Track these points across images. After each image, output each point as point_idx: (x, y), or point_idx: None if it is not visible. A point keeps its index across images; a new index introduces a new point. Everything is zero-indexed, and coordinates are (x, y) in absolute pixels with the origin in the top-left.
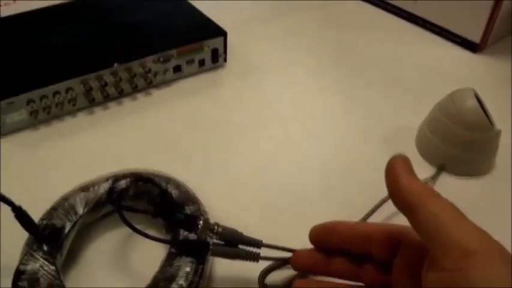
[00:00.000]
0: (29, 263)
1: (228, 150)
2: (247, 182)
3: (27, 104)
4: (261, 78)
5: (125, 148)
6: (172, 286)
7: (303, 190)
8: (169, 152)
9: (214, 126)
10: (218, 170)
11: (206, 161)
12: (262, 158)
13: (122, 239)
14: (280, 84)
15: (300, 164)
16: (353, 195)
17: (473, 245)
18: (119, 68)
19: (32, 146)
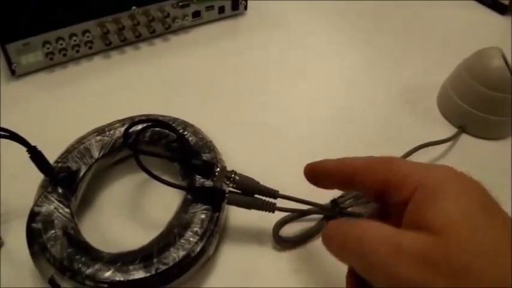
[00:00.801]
0: (43, 205)
1: (244, 100)
2: (264, 132)
3: (43, 46)
4: (281, 30)
5: (141, 93)
6: (187, 233)
7: (320, 143)
8: (185, 98)
9: (231, 75)
10: (234, 118)
11: (222, 109)
12: (280, 110)
13: (137, 184)
14: (300, 36)
15: (319, 117)
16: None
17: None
18: (137, 11)
19: (48, 88)
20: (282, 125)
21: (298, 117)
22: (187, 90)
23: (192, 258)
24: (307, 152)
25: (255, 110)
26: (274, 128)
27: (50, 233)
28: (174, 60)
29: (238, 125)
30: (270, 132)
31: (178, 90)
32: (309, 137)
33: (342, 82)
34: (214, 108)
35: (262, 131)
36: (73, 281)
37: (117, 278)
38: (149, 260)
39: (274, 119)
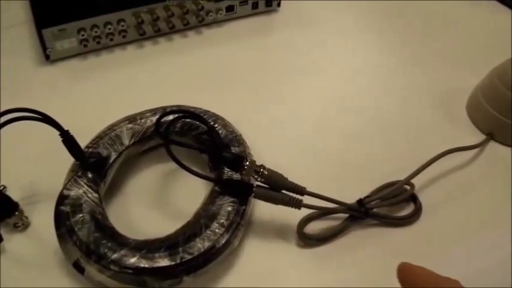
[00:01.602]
0: (73, 189)
1: (274, 96)
2: (293, 129)
3: (78, 33)
4: (312, 28)
5: (172, 84)
6: (214, 224)
7: (349, 143)
8: (215, 91)
9: (261, 71)
10: (263, 114)
11: (251, 104)
12: (308, 108)
13: (164, 173)
14: (332, 36)
15: (347, 117)
16: (398, 153)
17: None
18: (172, 3)
19: (80, 74)
20: (311, 123)
21: (327, 116)
22: (217, 84)
23: (217, 249)
24: (336, 151)
25: (284, 107)
26: (303, 125)
27: (77, 216)
28: (206, 54)
29: (267, 120)
30: (298, 130)
31: (209, 83)
32: (338, 136)
33: (370, 82)
34: (243, 103)
35: (290, 127)
36: (98, 265)
37: (142, 264)
38: (174, 248)
39: (302, 116)
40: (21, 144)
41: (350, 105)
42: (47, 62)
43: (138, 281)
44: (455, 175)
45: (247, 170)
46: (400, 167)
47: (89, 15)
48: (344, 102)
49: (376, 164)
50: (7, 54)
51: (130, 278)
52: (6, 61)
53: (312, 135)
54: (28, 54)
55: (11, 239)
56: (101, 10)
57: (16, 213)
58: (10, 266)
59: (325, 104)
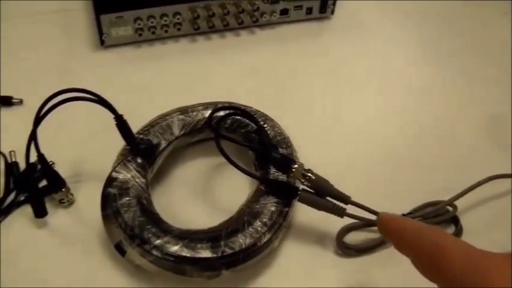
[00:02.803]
0: (121, 172)
1: (322, 102)
2: (340, 136)
3: (135, 21)
4: (366, 38)
5: (221, 81)
6: (256, 222)
7: (395, 157)
8: (263, 93)
9: (309, 75)
10: (309, 118)
11: (298, 108)
12: (356, 117)
13: (210, 167)
14: (384, 47)
15: (395, 130)
16: (446, 172)
17: None
18: (228, 1)
19: (133, 62)
20: (357, 133)
21: (374, 128)
22: (265, 85)
23: (257, 247)
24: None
25: (331, 114)
26: (349, 134)
27: (124, 199)
28: (257, 54)
29: (313, 126)
30: (345, 138)
31: (257, 83)
32: (384, 149)
33: (419, 97)
34: (289, 106)
35: (337, 135)
36: (140, 249)
37: (184, 253)
38: (217, 241)
39: (349, 125)
40: (73, 124)
41: (398, 119)
42: (101, 47)
43: (178, 268)
44: (499, 201)
45: (294, 173)
46: (443, 187)
47: (146, 6)
48: (392, 115)
49: (420, 182)
50: (65, 36)
51: (171, 265)
52: (63, 43)
53: (358, 145)
54: (84, 38)
55: (55, 214)
56: (159, 1)
57: (63, 190)
58: (51, 239)
59: (372, 116)
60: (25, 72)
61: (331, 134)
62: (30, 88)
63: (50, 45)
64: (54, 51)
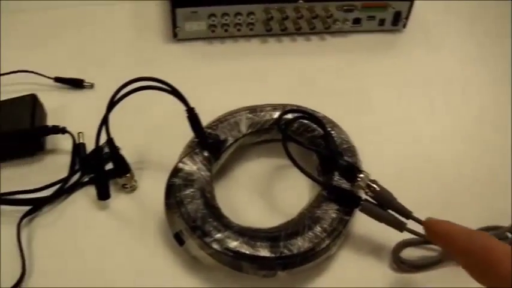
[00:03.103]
0: (187, 164)
1: (387, 114)
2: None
3: (209, 17)
4: (436, 54)
5: (288, 84)
6: (317, 227)
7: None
8: (329, 100)
9: (379, 87)
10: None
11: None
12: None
13: (272, 167)
14: (454, 66)
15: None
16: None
17: None
18: (303, 5)
19: (204, 57)
20: (421, 149)
21: (437, 144)
22: (331, 92)
23: (315, 252)
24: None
25: (395, 126)
26: (412, 149)
27: (188, 190)
28: (326, 60)
29: (376, 136)
30: (407, 151)
31: (323, 89)
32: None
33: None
34: (354, 114)
35: (401, 149)
36: (200, 241)
37: (243, 250)
38: (276, 242)
39: (413, 140)
40: (144, 112)
41: (463, 137)
42: (172, 40)
43: (235, 264)
44: None
45: (359, 182)
46: (504, 212)
47: (222, 3)
48: (457, 133)
49: (481, 204)
50: (137, 26)
51: (229, 260)
52: (135, 33)
53: (420, 162)
54: (156, 29)
55: (117, 198)
56: (235, 0)
57: (127, 175)
58: (111, 222)
59: (437, 133)
60: (97, 58)
61: (393, 147)
62: (101, 73)
63: (123, 33)
64: (126, 40)
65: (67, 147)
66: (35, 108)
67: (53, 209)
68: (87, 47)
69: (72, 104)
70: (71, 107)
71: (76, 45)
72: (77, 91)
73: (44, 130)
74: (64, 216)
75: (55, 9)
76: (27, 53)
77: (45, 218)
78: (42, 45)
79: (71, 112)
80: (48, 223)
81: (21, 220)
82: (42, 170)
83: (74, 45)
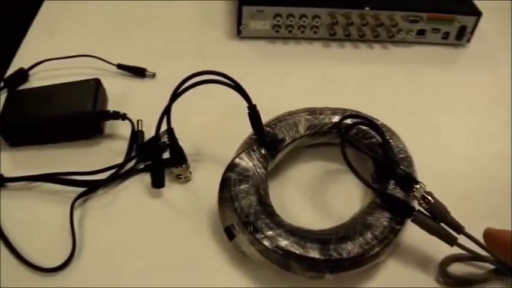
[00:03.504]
0: (244, 159)
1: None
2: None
3: (274, 17)
4: (498, 71)
5: (348, 89)
6: (368, 234)
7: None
8: (387, 107)
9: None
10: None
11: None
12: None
13: (326, 170)
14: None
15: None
16: None
17: None
18: (368, 12)
19: (266, 56)
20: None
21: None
22: (389, 100)
23: (364, 258)
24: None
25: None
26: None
27: (243, 186)
28: (388, 69)
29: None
30: (463, 167)
31: (382, 97)
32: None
33: None
34: (411, 125)
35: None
36: (252, 236)
37: (293, 249)
38: (326, 244)
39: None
40: (203, 105)
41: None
42: (236, 37)
43: (283, 263)
44: None
45: (415, 193)
46: None
47: (288, 4)
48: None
49: None
50: (204, 22)
51: (278, 258)
52: (199, 27)
53: (476, 178)
54: (222, 26)
55: (170, 187)
56: (301, 2)
57: (183, 166)
58: (163, 210)
59: (495, 151)
60: (160, 49)
61: (449, 162)
62: (163, 64)
63: (188, 27)
64: (190, 34)
65: (125, 133)
66: (98, 92)
67: (106, 193)
68: (152, 37)
69: (133, 91)
70: (131, 94)
71: (141, 36)
72: (138, 79)
73: (105, 115)
74: (117, 200)
75: (124, 1)
76: (94, 39)
77: (98, 201)
78: (108, 33)
79: (131, 99)
80: (101, 206)
81: (75, 200)
82: (99, 154)
83: (139, 36)
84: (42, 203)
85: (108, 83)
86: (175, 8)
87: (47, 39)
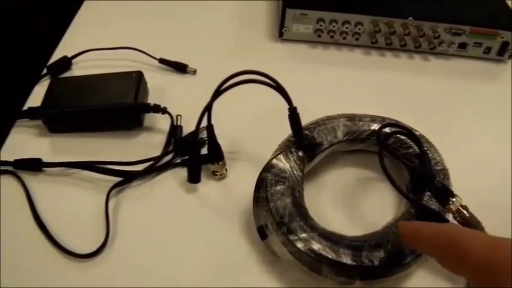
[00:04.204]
0: (281, 161)
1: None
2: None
3: (317, 22)
4: None
5: (386, 98)
6: (400, 243)
7: None
8: (424, 119)
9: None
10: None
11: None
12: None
13: (361, 178)
14: None
15: None
16: None
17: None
18: (411, 22)
19: (306, 59)
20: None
21: None
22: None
23: (396, 267)
24: None
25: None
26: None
27: (279, 186)
28: (426, 80)
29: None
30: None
31: (419, 108)
32: None
33: None
34: (447, 138)
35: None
36: (285, 237)
37: (326, 253)
38: (359, 251)
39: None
40: (242, 105)
41: None
42: (277, 39)
43: (314, 266)
44: None
45: (451, 206)
46: None
47: (332, 9)
48: None
49: None
50: (246, 22)
51: (309, 260)
52: (240, 27)
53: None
54: (264, 27)
55: (205, 183)
56: (345, 8)
57: (220, 163)
58: (196, 205)
59: None
60: (202, 46)
61: (483, 178)
62: (203, 62)
63: (229, 26)
64: (231, 33)
65: (163, 127)
66: (140, 85)
67: (142, 184)
68: (194, 34)
69: (173, 86)
70: (171, 89)
71: (184, 32)
72: (179, 75)
73: (146, 107)
74: (152, 193)
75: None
76: (137, 33)
77: (133, 192)
78: (152, 28)
79: (171, 94)
80: (136, 197)
81: (111, 190)
82: (137, 145)
83: (182, 32)
84: (78, 190)
85: (149, 76)
86: (218, 6)
87: (92, 30)
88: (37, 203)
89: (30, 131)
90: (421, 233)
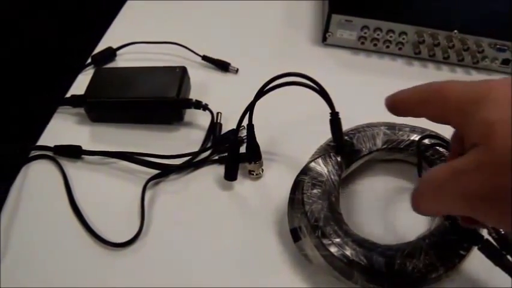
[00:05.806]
0: (320, 164)
1: None
2: None
3: (361, 29)
4: None
5: None
6: (433, 255)
7: None
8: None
9: None
10: None
11: None
12: None
13: (396, 188)
14: None
15: None
16: None
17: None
18: (456, 35)
19: (347, 66)
20: None
21: None
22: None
23: (427, 278)
24: None
25: None
26: None
27: (316, 190)
28: None
29: None
30: None
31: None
32: None
33: None
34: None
35: None
36: (318, 241)
37: (358, 260)
38: (391, 259)
39: None
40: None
41: None
42: (320, 44)
43: (346, 271)
44: None
45: None
46: None
47: (377, 17)
48: None
49: None
50: (290, 25)
51: (341, 266)
52: (287, 31)
53: None
54: (307, 31)
55: (241, 182)
56: (390, 17)
57: (257, 162)
58: (231, 203)
59: None
60: (245, 46)
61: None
62: (246, 62)
63: (273, 29)
64: (275, 35)
65: (203, 123)
66: (183, 80)
67: (179, 179)
68: (238, 35)
69: (215, 84)
70: (212, 86)
71: (228, 32)
72: (221, 73)
73: (188, 103)
74: (188, 187)
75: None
76: (182, 29)
77: (170, 185)
78: (196, 25)
79: (212, 91)
80: (172, 191)
81: (148, 182)
82: (176, 140)
83: (227, 32)
84: (115, 179)
85: (191, 72)
86: (262, 7)
87: (137, 23)
88: (74, 189)
89: (72, 119)
90: (402, 93)
